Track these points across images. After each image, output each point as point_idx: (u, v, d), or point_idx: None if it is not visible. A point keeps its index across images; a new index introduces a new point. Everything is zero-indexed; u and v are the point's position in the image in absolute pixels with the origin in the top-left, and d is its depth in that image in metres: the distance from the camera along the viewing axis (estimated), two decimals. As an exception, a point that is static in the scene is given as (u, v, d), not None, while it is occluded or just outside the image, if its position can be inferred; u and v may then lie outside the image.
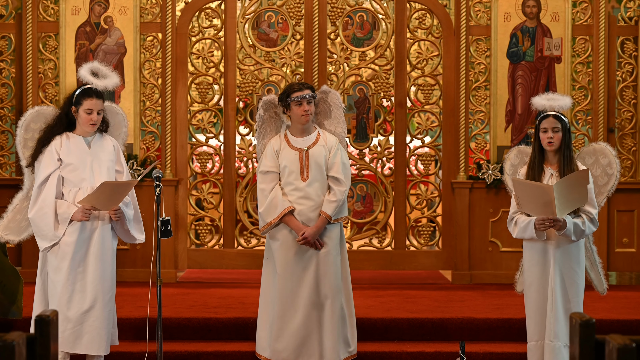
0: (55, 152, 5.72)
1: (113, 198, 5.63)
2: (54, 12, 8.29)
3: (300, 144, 6.00)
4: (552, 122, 5.56)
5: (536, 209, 5.46)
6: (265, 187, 5.99)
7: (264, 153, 6.05)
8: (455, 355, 6.05)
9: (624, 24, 8.40)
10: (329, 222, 5.95)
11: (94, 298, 5.67)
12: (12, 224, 5.87)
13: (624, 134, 8.39)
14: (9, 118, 8.36)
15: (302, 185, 5.96)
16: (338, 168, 5.99)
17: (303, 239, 5.90)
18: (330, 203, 5.94)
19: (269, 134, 6.10)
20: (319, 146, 6.00)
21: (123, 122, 6.03)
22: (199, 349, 6.34)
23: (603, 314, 6.78)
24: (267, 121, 6.09)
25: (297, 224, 5.93)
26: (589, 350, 3.47)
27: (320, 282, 5.95)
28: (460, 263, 8.30)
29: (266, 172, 6.01)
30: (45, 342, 3.48)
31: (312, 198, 5.95)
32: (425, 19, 8.42)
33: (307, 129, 6.02)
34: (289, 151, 5.99)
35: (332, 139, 6.04)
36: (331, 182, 6.00)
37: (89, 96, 5.72)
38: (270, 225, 5.96)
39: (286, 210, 5.92)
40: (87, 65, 5.87)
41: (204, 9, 8.45)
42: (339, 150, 6.03)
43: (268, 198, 5.95)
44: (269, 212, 5.95)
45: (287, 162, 5.97)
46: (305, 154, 5.98)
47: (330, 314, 5.93)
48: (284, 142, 6.01)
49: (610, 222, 8.34)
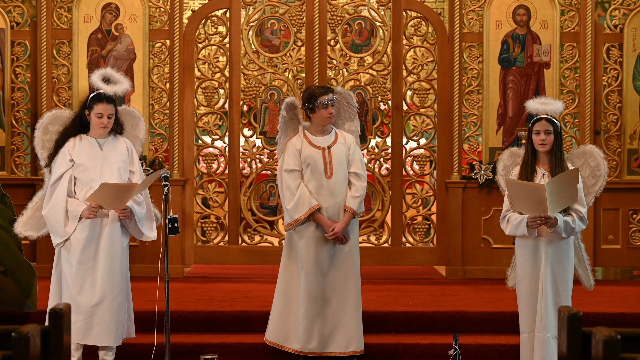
0: (68, 153, 5.74)
1: (117, 198, 5.62)
2: (67, 20, 8.29)
3: (322, 143, 5.99)
4: (544, 125, 5.57)
5: (529, 207, 5.46)
6: (291, 185, 5.95)
7: (286, 152, 6.02)
8: (449, 347, 6.04)
9: (610, 31, 8.40)
10: (354, 216, 5.96)
11: (103, 292, 5.68)
12: (31, 221, 5.90)
13: (609, 136, 8.39)
14: (25, 121, 8.36)
15: (327, 182, 5.95)
16: (358, 164, 6.01)
17: (334, 234, 5.90)
18: (354, 199, 5.95)
19: (289, 134, 6.09)
20: (340, 144, 6.01)
21: (141, 124, 6.04)
22: (204, 340, 6.33)
23: (590, 307, 6.77)
24: (288, 122, 6.08)
25: (326, 220, 5.92)
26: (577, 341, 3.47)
27: (346, 276, 5.96)
28: (454, 259, 8.30)
29: (291, 171, 5.97)
30: (58, 334, 3.48)
31: (337, 194, 5.95)
32: (420, 26, 8.42)
33: (326, 129, 6.03)
34: (312, 150, 5.97)
35: (350, 137, 6.07)
36: (352, 177, 6.00)
37: (100, 101, 5.73)
38: (297, 222, 5.94)
39: (314, 208, 5.90)
40: (99, 72, 5.88)
41: (210, 17, 8.44)
42: (357, 147, 6.06)
43: (296, 195, 5.93)
44: (296, 209, 5.92)
45: (310, 160, 5.95)
46: (328, 152, 5.97)
47: (353, 305, 5.96)
48: (304, 141, 5.99)
49: (597, 220, 8.33)
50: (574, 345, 3.45)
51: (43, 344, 3.44)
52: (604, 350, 3.26)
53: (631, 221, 8.39)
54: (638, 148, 8.38)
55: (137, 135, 6.01)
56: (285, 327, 6.03)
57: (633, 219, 8.39)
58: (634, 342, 3.43)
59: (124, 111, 6.00)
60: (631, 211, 8.40)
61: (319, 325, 5.93)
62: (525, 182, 5.49)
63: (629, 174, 8.38)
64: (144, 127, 6.06)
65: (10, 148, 8.34)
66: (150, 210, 5.88)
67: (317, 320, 5.93)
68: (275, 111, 8.46)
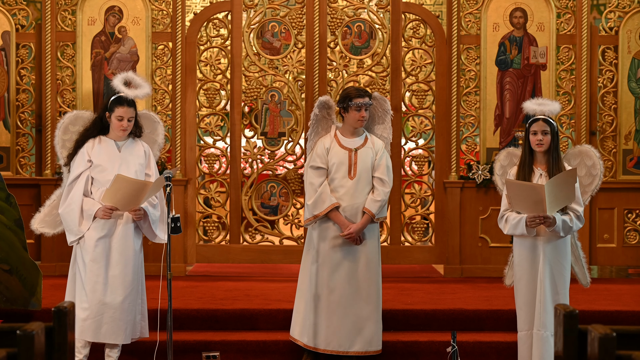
0: (87, 153, 5.77)
1: (132, 198, 5.64)
2: (72, 22, 8.29)
3: (350, 144, 5.99)
4: (541, 126, 5.57)
5: (527, 207, 5.46)
6: (314, 182, 5.96)
7: (315, 150, 6.02)
8: (447, 344, 6.04)
9: (605, 33, 8.39)
10: (372, 220, 5.95)
11: (114, 291, 5.70)
12: (48, 218, 5.94)
13: (605, 136, 8.38)
14: (29, 122, 8.36)
15: (349, 183, 5.95)
16: (383, 170, 5.98)
17: (348, 234, 5.89)
18: (375, 202, 5.93)
19: (320, 132, 6.09)
20: (367, 148, 5.99)
21: (160, 129, 6.05)
22: (206, 338, 6.33)
23: (586, 305, 6.77)
24: (320, 120, 6.08)
25: (343, 219, 5.92)
26: (573, 339, 3.47)
27: (360, 276, 5.95)
28: (452, 258, 8.29)
29: (317, 168, 5.98)
30: (62, 332, 3.48)
31: (357, 196, 5.94)
32: (419, 28, 8.42)
33: (357, 131, 6.02)
34: (339, 150, 5.97)
35: (380, 143, 6.04)
36: (376, 182, 5.98)
37: (121, 104, 5.75)
38: (316, 218, 5.94)
39: (333, 206, 5.90)
40: (121, 75, 5.89)
41: (212, 20, 8.44)
42: (385, 153, 6.02)
43: (317, 192, 5.93)
44: (316, 205, 5.93)
45: (336, 159, 5.96)
46: (355, 153, 5.97)
47: (369, 306, 5.94)
48: (334, 141, 6.00)
49: (592, 219, 8.33)
50: (570, 342, 3.46)
51: (48, 342, 3.44)
52: (599, 348, 3.26)
53: (626, 220, 8.39)
54: (633, 148, 8.38)
55: (155, 139, 6.04)
56: (299, 321, 6.02)
57: (628, 218, 8.39)
58: (629, 340, 3.43)
59: (144, 115, 6.02)
60: (626, 210, 8.40)
61: (334, 323, 5.91)
62: (525, 183, 5.49)
63: (624, 174, 8.38)
64: (162, 131, 6.09)
65: (15, 149, 8.33)
66: (164, 214, 5.88)
67: (331, 318, 5.91)
68: (276, 112, 8.46)
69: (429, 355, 6.27)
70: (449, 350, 5.96)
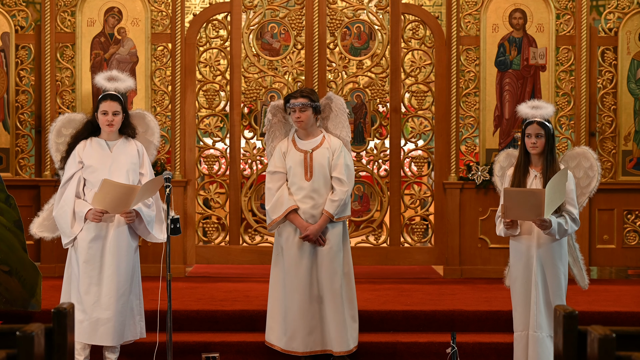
0: (78, 155, 5.78)
1: (121, 201, 5.62)
2: (71, 23, 8.29)
3: (306, 146, 5.99)
4: (535, 129, 5.59)
5: (523, 213, 5.47)
6: (272, 187, 5.99)
7: (273, 154, 6.06)
8: (447, 345, 6.04)
9: (604, 34, 8.40)
10: (331, 220, 5.95)
11: (107, 292, 5.68)
12: (46, 222, 5.93)
13: (604, 137, 8.39)
14: (29, 123, 8.36)
15: (306, 184, 5.95)
16: (341, 169, 5.98)
17: (305, 236, 5.90)
18: (333, 202, 5.94)
19: (278, 137, 6.10)
20: (323, 149, 5.99)
21: (155, 129, 6.05)
22: (206, 339, 6.33)
23: (585, 306, 6.77)
24: (276, 125, 6.09)
25: (301, 221, 5.92)
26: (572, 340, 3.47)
27: (322, 278, 5.94)
28: (452, 259, 8.30)
29: (273, 172, 6.01)
30: (62, 333, 3.48)
31: (315, 197, 5.94)
32: (418, 30, 8.42)
33: (312, 132, 6.02)
34: (295, 153, 5.99)
35: (336, 142, 6.03)
36: (334, 182, 5.99)
37: (104, 99, 5.78)
38: (275, 222, 5.96)
39: (290, 209, 5.92)
40: (104, 73, 5.93)
41: (211, 21, 8.44)
42: (342, 152, 6.01)
43: (275, 196, 5.96)
44: (274, 210, 5.95)
45: (292, 162, 5.97)
46: (310, 155, 5.97)
47: (332, 307, 5.92)
48: (291, 144, 6.01)
49: (592, 220, 8.34)
50: (569, 343, 3.46)
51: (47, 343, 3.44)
52: (599, 349, 3.26)
53: (626, 221, 8.39)
54: (632, 149, 8.39)
55: (151, 140, 6.03)
56: (271, 324, 6.05)
57: (627, 219, 8.39)
58: (629, 341, 3.43)
59: (137, 115, 6.02)
60: (626, 211, 8.40)
61: (298, 325, 5.91)
62: (524, 190, 5.51)
63: (623, 175, 8.38)
64: (158, 132, 6.08)
65: (15, 150, 8.33)
66: (161, 213, 5.87)
67: (295, 320, 5.91)
68: (276, 113, 8.46)
69: (428, 356, 6.27)
70: (448, 351, 5.96)
